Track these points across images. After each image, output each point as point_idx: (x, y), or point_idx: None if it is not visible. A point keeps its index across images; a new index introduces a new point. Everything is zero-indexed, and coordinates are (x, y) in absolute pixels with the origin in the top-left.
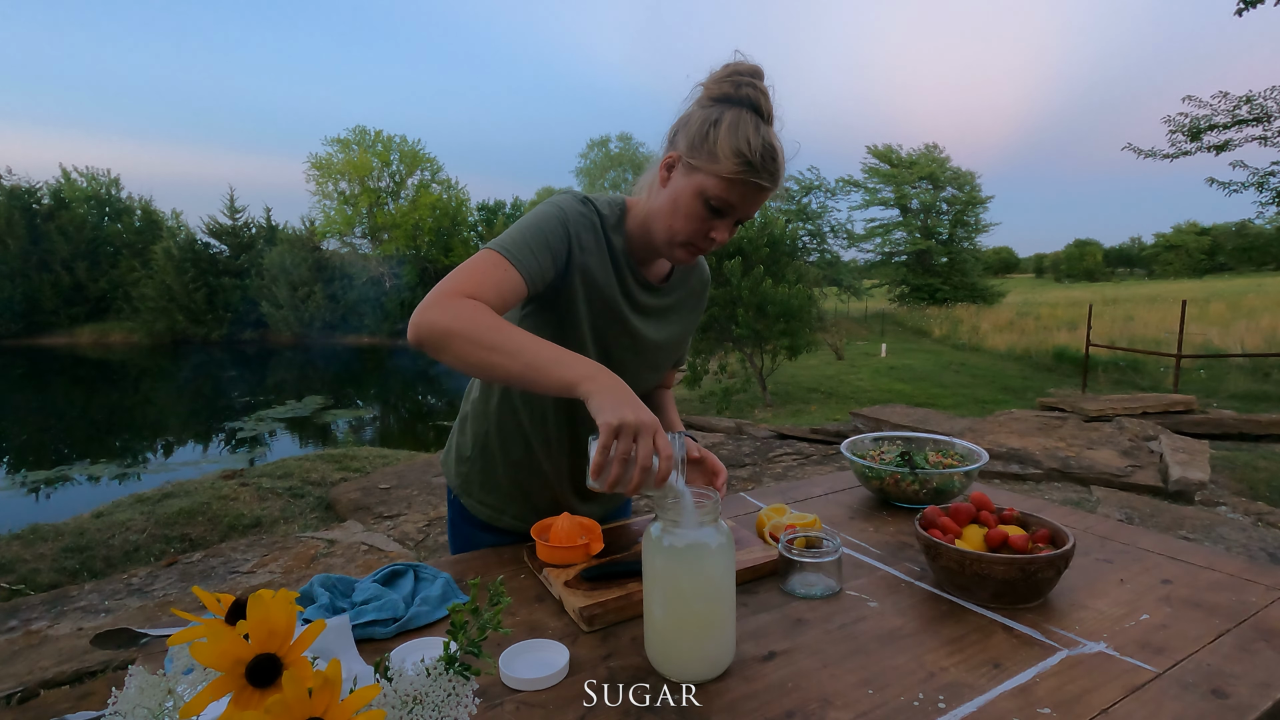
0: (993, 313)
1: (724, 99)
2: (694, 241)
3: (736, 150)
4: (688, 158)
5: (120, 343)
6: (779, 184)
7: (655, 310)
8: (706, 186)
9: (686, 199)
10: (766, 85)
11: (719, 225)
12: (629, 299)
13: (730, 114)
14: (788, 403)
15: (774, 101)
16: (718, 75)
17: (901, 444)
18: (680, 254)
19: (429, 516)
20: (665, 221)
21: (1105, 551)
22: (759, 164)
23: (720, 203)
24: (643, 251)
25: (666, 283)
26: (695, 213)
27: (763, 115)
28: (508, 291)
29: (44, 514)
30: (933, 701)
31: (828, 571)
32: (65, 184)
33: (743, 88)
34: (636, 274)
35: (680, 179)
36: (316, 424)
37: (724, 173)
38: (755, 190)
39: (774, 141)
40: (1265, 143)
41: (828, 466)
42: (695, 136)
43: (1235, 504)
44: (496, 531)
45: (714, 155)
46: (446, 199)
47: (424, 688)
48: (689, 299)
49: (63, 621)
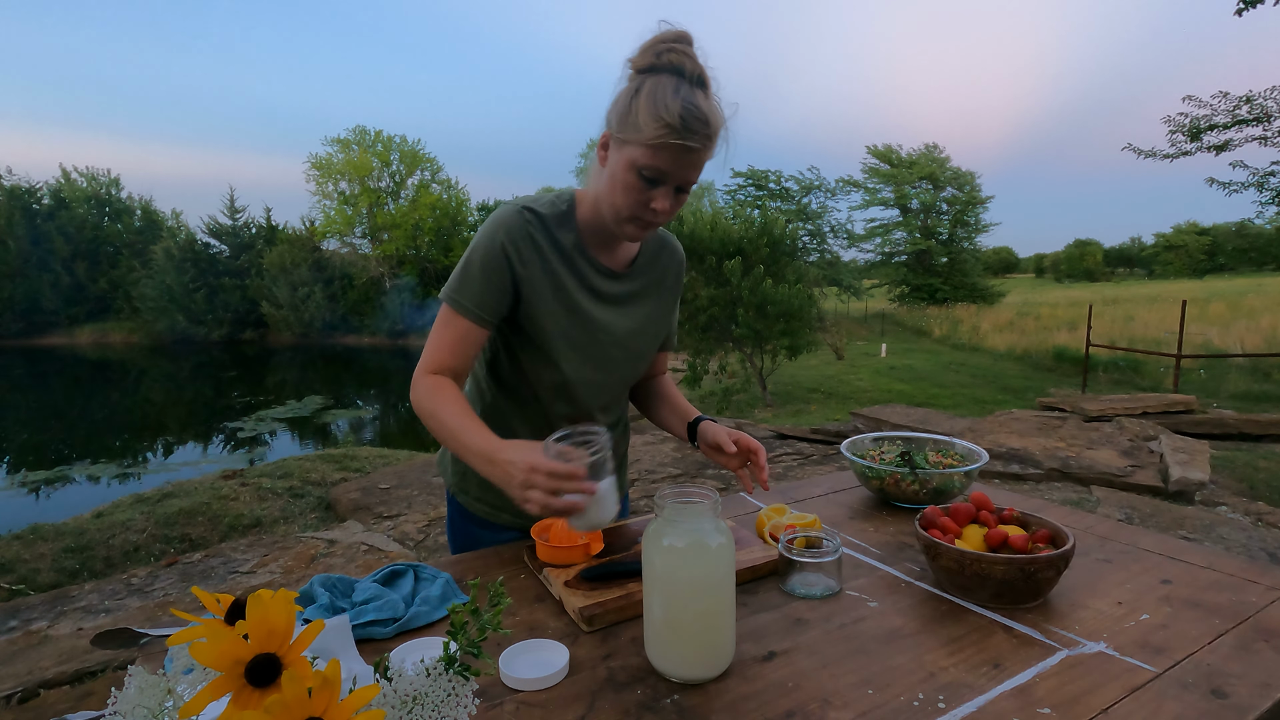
0: (993, 313)
1: (647, 69)
2: (637, 214)
3: (656, 116)
4: (617, 133)
5: (120, 343)
6: (712, 144)
7: (621, 297)
8: (636, 157)
9: (621, 173)
10: (696, 49)
11: (656, 195)
12: (590, 291)
13: (650, 82)
14: (788, 403)
15: (705, 63)
16: (642, 47)
17: (901, 444)
18: (629, 229)
19: (429, 516)
20: (608, 200)
21: (1105, 551)
22: (679, 126)
23: (651, 171)
24: (599, 239)
25: (631, 268)
26: (631, 185)
27: (686, 78)
28: (468, 345)
29: (44, 514)
30: (933, 701)
31: (828, 571)
32: (65, 184)
33: (664, 55)
34: (596, 264)
35: (614, 155)
36: (316, 424)
37: (647, 140)
38: (683, 152)
39: (698, 101)
40: (1265, 143)
41: (828, 466)
42: (621, 110)
43: (1235, 504)
44: (495, 529)
45: (637, 125)
46: (446, 199)
47: (424, 688)
48: (661, 279)
49: (63, 621)
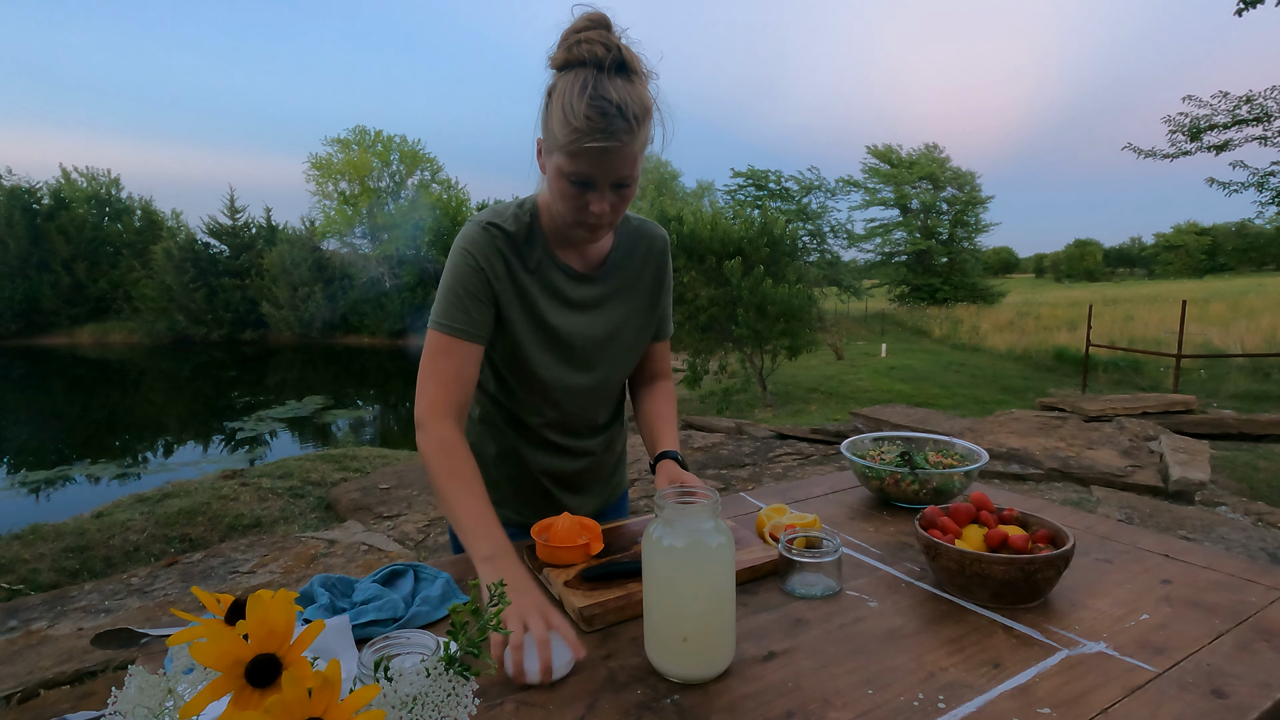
0: (993, 313)
1: (564, 66)
2: (580, 219)
3: (564, 121)
4: (543, 140)
5: (120, 343)
6: (636, 132)
7: (593, 300)
8: (560, 164)
9: (554, 181)
10: (614, 32)
11: (592, 198)
12: (561, 300)
13: (562, 82)
14: (788, 403)
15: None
16: (558, 42)
17: (901, 444)
18: (580, 234)
19: (429, 516)
20: (553, 209)
21: (1105, 551)
22: (585, 127)
23: (576, 176)
24: (564, 242)
25: (604, 267)
26: (565, 192)
27: (603, 68)
28: (471, 370)
29: (44, 514)
30: (933, 701)
31: (828, 571)
32: (65, 184)
33: (578, 46)
34: (567, 269)
35: (546, 162)
36: (316, 424)
37: (562, 146)
38: (600, 152)
39: (607, 94)
40: (1265, 143)
41: (828, 466)
42: (541, 116)
43: (1235, 504)
44: None
45: (552, 132)
46: (446, 199)
47: (424, 688)
48: (638, 273)
49: (63, 621)
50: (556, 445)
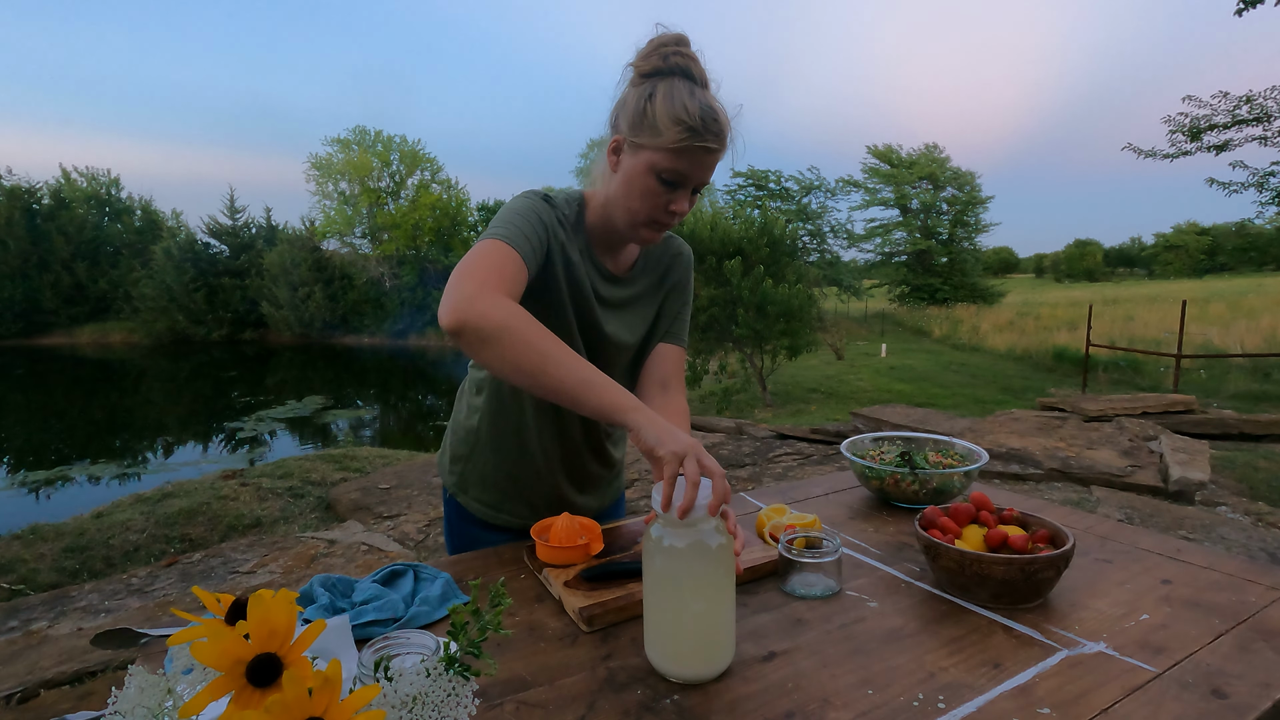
0: (993, 313)
1: (654, 73)
2: (656, 218)
3: (676, 119)
4: (631, 137)
5: (120, 343)
6: (726, 144)
7: (621, 301)
8: (655, 161)
9: (639, 178)
10: (695, 50)
11: (676, 197)
12: (596, 294)
13: (663, 85)
14: (788, 403)
15: (705, 65)
16: (644, 51)
17: (901, 444)
18: (645, 234)
19: (429, 516)
20: (623, 205)
21: (1105, 551)
22: (700, 128)
23: (672, 175)
24: (605, 243)
25: (631, 271)
26: (650, 189)
27: (695, 80)
28: (521, 283)
29: (44, 514)
30: (933, 701)
31: (828, 571)
32: (65, 184)
33: (670, 58)
34: (600, 268)
35: (629, 160)
36: (316, 424)
37: (668, 144)
38: (704, 154)
39: (712, 103)
40: (1265, 143)
41: (828, 466)
42: (634, 115)
43: (1235, 504)
44: (494, 529)
45: (655, 129)
46: (446, 199)
47: (424, 687)
48: (661, 279)
49: (63, 621)
50: (563, 439)
